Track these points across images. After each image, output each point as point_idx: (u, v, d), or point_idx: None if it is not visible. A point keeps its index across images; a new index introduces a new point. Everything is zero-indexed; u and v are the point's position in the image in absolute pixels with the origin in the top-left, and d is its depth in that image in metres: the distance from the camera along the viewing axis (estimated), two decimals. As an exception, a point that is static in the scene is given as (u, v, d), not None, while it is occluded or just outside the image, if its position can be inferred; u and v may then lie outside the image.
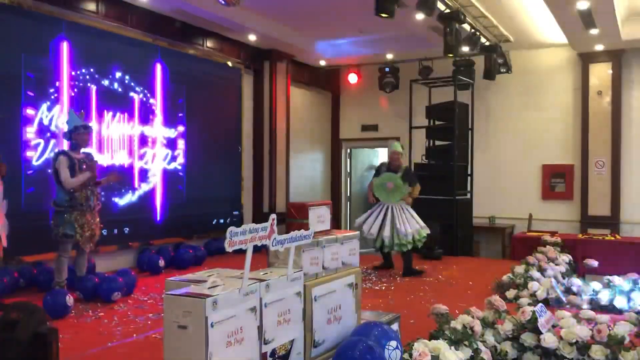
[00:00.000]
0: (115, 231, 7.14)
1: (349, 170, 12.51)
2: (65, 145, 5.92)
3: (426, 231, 7.07)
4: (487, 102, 10.44)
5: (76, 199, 5.46)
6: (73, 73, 6.62)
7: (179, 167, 8.17)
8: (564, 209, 9.91)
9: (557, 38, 9.29)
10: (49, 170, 5.89)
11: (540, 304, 3.80)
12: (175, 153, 8.13)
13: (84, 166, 5.55)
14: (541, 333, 3.53)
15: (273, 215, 2.54)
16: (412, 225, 6.94)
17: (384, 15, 6.35)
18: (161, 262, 7.07)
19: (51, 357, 3.04)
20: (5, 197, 4.92)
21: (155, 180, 7.77)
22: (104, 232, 6.46)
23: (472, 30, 8.13)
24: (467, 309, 3.72)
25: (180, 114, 8.21)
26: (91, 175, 5.58)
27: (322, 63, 11.07)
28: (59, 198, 5.49)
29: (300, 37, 9.53)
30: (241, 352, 2.31)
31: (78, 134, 5.57)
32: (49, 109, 6.37)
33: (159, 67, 7.85)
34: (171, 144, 8.06)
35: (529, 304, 4.07)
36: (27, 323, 3.03)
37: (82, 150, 5.68)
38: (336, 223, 11.69)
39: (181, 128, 8.22)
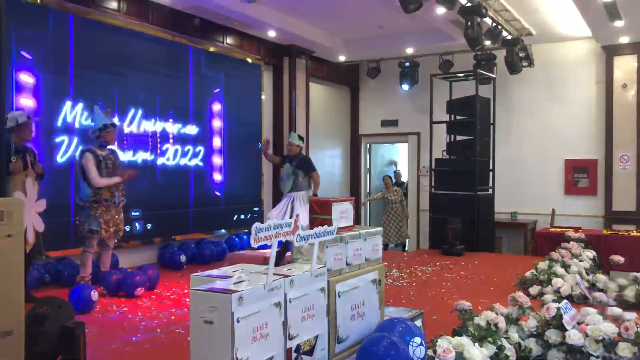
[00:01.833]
0: (138, 227, 7.22)
1: (368, 166, 12.49)
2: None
3: None
4: (509, 97, 10.33)
5: (101, 194, 5.56)
6: (96, 70, 6.71)
7: (200, 164, 8.22)
8: (587, 205, 9.77)
9: (580, 31, 9.15)
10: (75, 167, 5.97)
11: (565, 301, 3.75)
12: (197, 150, 8.18)
13: (109, 163, 5.65)
14: (566, 330, 3.49)
15: (297, 211, 2.54)
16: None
17: (412, 7, 6.30)
18: (182, 258, 7.14)
19: (78, 350, 3.09)
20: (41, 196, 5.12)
21: (176, 176, 7.85)
22: (127, 227, 6.54)
23: (494, 24, 8.04)
24: (490, 305, 3.69)
25: (200, 111, 8.26)
26: (120, 180, 5.70)
27: (342, 58, 11.04)
28: (84, 194, 5.59)
29: (319, 32, 9.52)
30: (266, 347, 2.31)
31: (107, 132, 5.69)
32: (72, 107, 6.46)
33: (179, 63, 7.90)
34: (191, 140, 8.11)
35: (554, 301, 4.03)
36: (55, 317, 3.08)
37: (108, 147, 5.79)
38: (356, 219, 11.70)
39: (202, 125, 8.27)
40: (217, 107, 8.56)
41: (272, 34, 9.00)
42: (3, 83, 3.60)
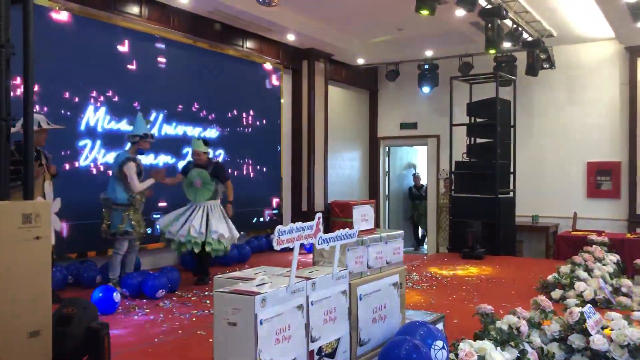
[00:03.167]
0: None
1: (387, 169, 12.46)
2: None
3: (231, 242, 6.55)
4: (530, 99, 10.23)
5: (135, 198, 5.78)
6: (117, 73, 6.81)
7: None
8: (610, 208, 9.63)
9: (602, 32, 9.04)
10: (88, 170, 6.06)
11: (588, 305, 3.70)
12: (217, 153, 8.24)
13: (141, 169, 5.88)
14: (590, 335, 3.44)
15: (319, 214, 2.55)
16: (230, 229, 6.45)
17: (424, 12, 6.30)
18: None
19: (103, 351, 3.14)
20: (57, 196, 5.16)
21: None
22: (149, 230, 6.62)
23: (514, 26, 7.98)
24: (512, 309, 3.66)
25: (220, 114, 8.32)
26: (154, 181, 5.92)
27: (360, 61, 11.04)
28: (121, 197, 5.73)
29: (338, 35, 9.54)
30: (289, 349, 2.33)
31: (146, 142, 5.87)
32: (95, 111, 6.56)
33: (200, 68, 7.98)
34: (212, 144, 8.16)
35: (577, 305, 3.98)
36: (80, 318, 3.13)
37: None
38: (375, 222, 11.67)
39: (222, 128, 8.34)
40: (236, 110, 8.62)
41: (291, 37, 9.05)
42: (31, 91, 3.67)
